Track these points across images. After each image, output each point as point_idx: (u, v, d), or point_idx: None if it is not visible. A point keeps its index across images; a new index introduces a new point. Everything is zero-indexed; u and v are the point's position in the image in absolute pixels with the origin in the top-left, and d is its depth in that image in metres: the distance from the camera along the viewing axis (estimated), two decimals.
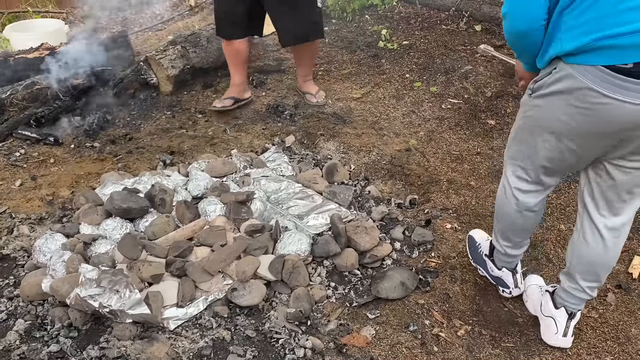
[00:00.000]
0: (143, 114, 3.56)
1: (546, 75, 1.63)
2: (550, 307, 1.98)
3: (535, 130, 1.74)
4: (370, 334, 2.04)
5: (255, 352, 1.94)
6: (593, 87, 1.50)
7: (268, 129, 3.36)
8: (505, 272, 2.15)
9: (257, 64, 4.13)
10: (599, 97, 1.51)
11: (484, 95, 3.60)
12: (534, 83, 1.69)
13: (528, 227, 2.01)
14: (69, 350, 1.91)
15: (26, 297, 2.10)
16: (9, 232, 2.49)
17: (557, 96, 1.61)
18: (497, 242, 2.10)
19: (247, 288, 2.09)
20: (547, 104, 1.66)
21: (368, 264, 2.33)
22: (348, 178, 2.91)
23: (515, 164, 1.87)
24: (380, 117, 3.47)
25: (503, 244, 2.08)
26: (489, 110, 3.45)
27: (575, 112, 1.58)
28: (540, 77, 1.66)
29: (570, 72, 1.54)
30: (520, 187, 1.89)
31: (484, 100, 3.55)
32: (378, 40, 4.32)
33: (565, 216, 2.62)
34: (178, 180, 2.71)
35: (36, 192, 2.79)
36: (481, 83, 3.70)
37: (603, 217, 1.78)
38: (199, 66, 3.82)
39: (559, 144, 1.68)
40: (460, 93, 3.64)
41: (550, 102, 1.64)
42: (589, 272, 1.86)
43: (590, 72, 1.50)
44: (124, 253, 2.15)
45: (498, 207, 2.02)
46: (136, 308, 1.95)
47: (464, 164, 3.02)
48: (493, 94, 3.58)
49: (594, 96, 1.51)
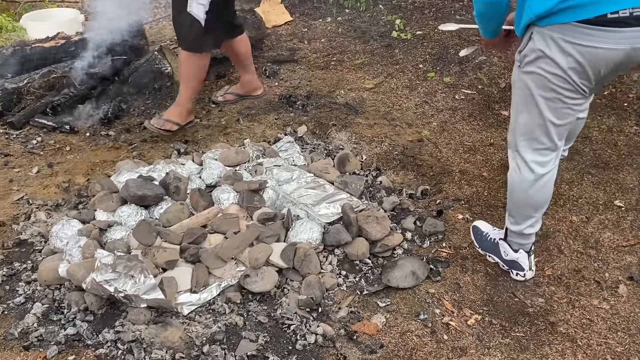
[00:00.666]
0: (157, 103, 3.59)
1: (526, 42, 1.84)
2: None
3: (537, 96, 1.88)
4: (381, 321, 2.06)
5: (267, 337, 1.97)
6: (570, 40, 1.73)
7: (280, 119, 3.38)
8: (522, 254, 2.20)
9: (270, 54, 4.14)
10: (576, 46, 1.73)
11: (498, 86, 3.58)
12: (519, 54, 1.89)
13: (545, 199, 2.10)
14: (85, 333, 1.96)
15: (43, 282, 2.15)
16: (26, 218, 2.54)
17: (543, 58, 1.80)
18: (515, 224, 2.16)
19: (259, 275, 2.12)
20: (537, 68, 1.83)
21: (379, 253, 2.35)
22: (360, 168, 2.92)
23: (529, 138, 1.98)
24: (393, 107, 3.47)
25: (522, 224, 2.14)
26: (503, 101, 3.43)
27: (565, 65, 1.78)
28: (522, 47, 1.87)
29: (546, 33, 1.76)
30: (538, 160, 2.00)
31: (497, 91, 3.54)
32: (391, 30, 4.31)
33: (578, 208, 2.61)
34: (192, 168, 2.74)
35: (53, 179, 2.84)
36: (495, 74, 3.68)
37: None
38: (212, 56, 3.83)
39: (560, 97, 1.86)
40: (474, 84, 3.62)
41: (539, 66, 1.82)
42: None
43: (564, 28, 1.73)
44: (139, 239, 2.18)
45: (514, 189, 2.10)
46: (151, 293, 1.99)
47: (476, 154, 3.01)
48: (507, 84, 3.56)
49: (571, 47, 1.74)
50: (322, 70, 3.93)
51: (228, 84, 3.76)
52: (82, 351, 1.90)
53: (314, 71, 3.92)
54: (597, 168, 2.88)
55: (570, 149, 3.00)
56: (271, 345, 1.95)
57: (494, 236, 2.29)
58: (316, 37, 4.41)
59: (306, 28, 4.58)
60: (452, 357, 1.93)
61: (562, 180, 2.79)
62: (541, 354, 1.94)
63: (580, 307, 2.12)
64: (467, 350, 1.95)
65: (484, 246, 2.33)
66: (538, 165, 2.00)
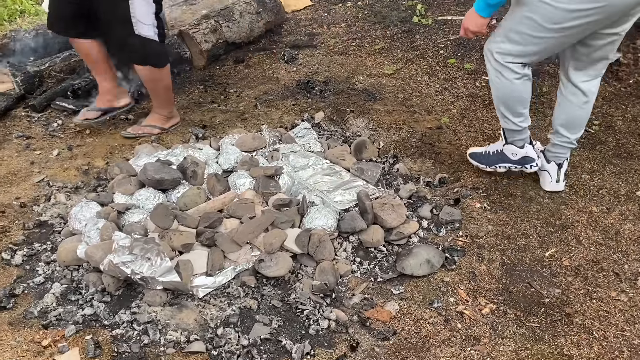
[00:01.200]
0: (176, 87, 3.60)
1: None
2: (544, 162, 2.56)
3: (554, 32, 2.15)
4: (394, 309, 2.06)
5: (281, 321, 1.99)
6: None
7: (298, 105, 3.37)
8: (528, 147, 2.55)
9: (289, 39, 4.12)
10: None
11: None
12: None
13: (530, 92, 2.42)
14: (102, 314, 1.99)
15: (62, 262, 2.19)
16: (46, 200, 2.58)
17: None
18: (511, 122, 2.48)
19: (273, 260, 2.13)
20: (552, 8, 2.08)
21: (394, 240, 2.34)
22: (377, 155, 2.90)
23: (520, 61, 2.30)
24: (412, 93, 3.44)
25: (517, 120, 2.47)
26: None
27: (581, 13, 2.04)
28: None
29: None
30: (521, 72, 2.34)
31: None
32: (412, 15, 4.26)
33: (598, 198, 2.56)
34: (209, 153, 2.76)
35: (72, 162, 2.88)
36: None
37: (583, 79, 2.36)
38: (231, 41, 3.84)
39: (567, 39, 2.17)
40: None
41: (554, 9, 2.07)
42: (574, 125, 2.47)
43: None
44: (156, 222, 2.21)
45: (501, 90, 2.40)
46: (167, 275, 2.01)
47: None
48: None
49: None
50: (341, 55, 3.90)
51: (247, 68, 3.76)
52: (99, 331, 1.94)
53: (333, 56, 3.90)
54: (620, 158, 2.82)
55: (593, 138, 2.94)
56: (284, 329, 1.97)
57: (496, 148, 2.61)
58: (336, 22, 4.37)
59: (326, 13, 4.55)
60: (465, 346, 1.92)
61: (583, 170, 2.74)
62: (556, 344, 1.92)
63: (597, 298, 2.09)
64: (480, 340, 1.94)
65: (490, 162, 2.63)
66: (523, 67, 2.33)
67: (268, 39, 4.11)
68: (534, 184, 2.65)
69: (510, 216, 2.48)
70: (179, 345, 1.89)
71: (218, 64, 3.83)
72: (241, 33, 3.89)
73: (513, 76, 2.34)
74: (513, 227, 2.43)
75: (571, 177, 2.68)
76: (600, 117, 3.11)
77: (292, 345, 1.89)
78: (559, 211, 2.50)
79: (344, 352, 1.89)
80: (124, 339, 1.91)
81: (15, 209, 2.53)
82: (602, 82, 3.36)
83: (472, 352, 1.90)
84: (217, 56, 3.83)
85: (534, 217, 2.47)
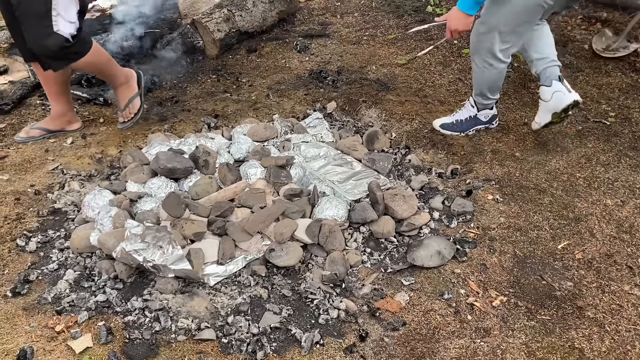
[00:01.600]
0: (189, 77, 3.62)
1: None
2: (545, 89, 2.68)
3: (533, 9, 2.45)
4: (404, 299, 2.05)
5: (291, 310, 2.00)
6: None
7: (310, 95, 3.36)
8: (494, 108, 2.91)
9: (302, 28, 4.10)
10: None
11: None
12: None
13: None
14: (115, 300, 2.01)
15: (76, 249, 2.22)
16: (60, 187, 2.61)
17: None
18: (491, 99, 2.82)
19: (284, 249, 2.13)
20: None
21: (405, 232, 2.33)
22: (388, 146, 2.89)
23: (512, 48, 2.60)
24: (426, 84, 3.41)
25: (495, 96, 2.83)
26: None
27: None
28: None
29: None
30: (507, 60, 2.66)
31: None
32: (426, 5, 4.21)
33: (613, 191, 2.53)
34: (221, 143, 2.76)
35: (86, 150, 2.90)
36: None
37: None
38: (244, 30, 3.84)
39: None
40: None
41: None
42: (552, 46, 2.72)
43: None
44: (168, 211, 2.22)
45: (490, 78, 2.70)
46: (178, 264, 2.03)
47: (509, 134, 2.95)
48: None
49: None
50: (354, 45, 3.88)
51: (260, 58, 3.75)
52: (111, 317, 1.96)
53: (346, 46, 3.88)
54: (636, 150, 2.78)
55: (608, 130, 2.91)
56: (294, 319, 1.98)
57: (467, 114, 2.88)
58: (349, 11, 4.34)
59: (339, 2, 4.52)
60: (475, 338, 1.92)
61: (598, 162, 2.71)
62: (567, 337, 1.91)
63: (610, 292, 2.07)
64: (490, 332, 1.94)
65: (464, 127, 2.89)
66: (509, 57, 2.67)
67: (281, 28, 4.10)
68: (547, 176, 2.62)
69: (523, 208, 2.46)
70: (190, 333, 1.91)
71: (231, 53, 3.83)
72: (254, 22, 3.88)
73: (503, 66, 2.66)
74: (525, 219, 2.41)
75: (585, 169, 2.65)
76: (617, 108, 3.07)
77: (302, 334, 1.90)
78: (573, 203, 2.47)
79: (353, 342, 1.90)
80: (136, 325, 1.93)
81: (30, 197, 2.56)
82: (618, 74, 3.31)
83: (482, 344, 1.89)
84: (229, 45, 3.83)
85: (546, 209, 2.45)
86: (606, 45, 3.48)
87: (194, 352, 1.86)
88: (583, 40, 3.62)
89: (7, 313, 1.98)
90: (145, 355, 1.84)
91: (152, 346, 1.87)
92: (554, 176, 2.63)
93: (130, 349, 1.86)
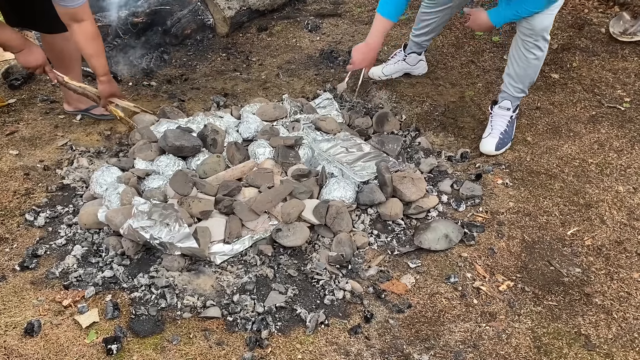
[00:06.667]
0: (199, 55, 3.59)
1: None
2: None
3: None
4: (410, 282, 2.05)
5: (296, 290, 2.00)
6: None
7: (320, 75, 3.33)
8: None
9: (313, 7, 4.05)
10: None
11: (550, 47, 3.37)
12: None
13: None
14: (121, 276, 2.03)
15: (84, 225, 2.23)
16: (69, 163, 2.62)
17: None
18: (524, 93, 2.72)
19: (291, 229, 2.13)
20: None
21: (412, 214, 2.32)
22: (398, 128, 2.86)
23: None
24: (437, 66, 3.36)
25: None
26: (554, 63, 3.27)
27: None
28: None
29: None
30: None
31: (549, 53, 3.32)
32: None
33: (625, 177, 2.49)
34: (230, 121, 2.75)
35: (95, 127, 2.90)
36: None
37: None
38: (255, 8, 3.79)
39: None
40: None
41: None
42: None
43: None
44: (175, 189, 2.22)
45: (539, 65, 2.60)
46: (185, 241, 2.03)
47: (521, 118, 2.90)
48: (559, 46, 3.39)
49: None
50: (365, 25, 3.82)
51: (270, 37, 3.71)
52: (118, 293, 1.97)
53: (357, 26, 3.82)
54: None
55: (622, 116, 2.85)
56: (299, 298, 1.98)
57: (505, 121, 2.69)
58: None
59: None
60: (480, 322, 1.91)
61: (611, 148, 2.66)
62: (573, 324, 1.90)
63: (618, 279, 2.05)
64: (496, 316, 1.93)
65: (511, 133, 2.71)
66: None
67: (292, 7, 4.05)
68: (558, 161, 2.59)
69: (533, 193, 2.44)
70: (195, 310, 1.92)
71: (241, 32, 3.80)
72: (265, 0, 3.83)
73: (545, 52, 2.57)
74: (535, 204, 2.38)
75: (598, 155, 2.61)
76: (632, 94, 3.01)
77: (307, 314, 1.91)
78: (584, 189, 2.44)
79: (358, 323, 1.90)
80: (142, 301, 1.95)
81: (39, 172, 2.57)
82: (635, 58, 3.24)
83: (487, 328, 1.89)
84: (240, 24, 3.79)
85: (557, 195, 2.42)
86: (623, 29, 3.40)
87: (199, 329, 1.87)
88: (600, 23, 3.54)
89: (16, 287, 2.00)
90: (151, 331, 1.85)
91: (158, 322, 1.88)
92: (566, 162, 2.60)
93: (136, 324, 1.87)
